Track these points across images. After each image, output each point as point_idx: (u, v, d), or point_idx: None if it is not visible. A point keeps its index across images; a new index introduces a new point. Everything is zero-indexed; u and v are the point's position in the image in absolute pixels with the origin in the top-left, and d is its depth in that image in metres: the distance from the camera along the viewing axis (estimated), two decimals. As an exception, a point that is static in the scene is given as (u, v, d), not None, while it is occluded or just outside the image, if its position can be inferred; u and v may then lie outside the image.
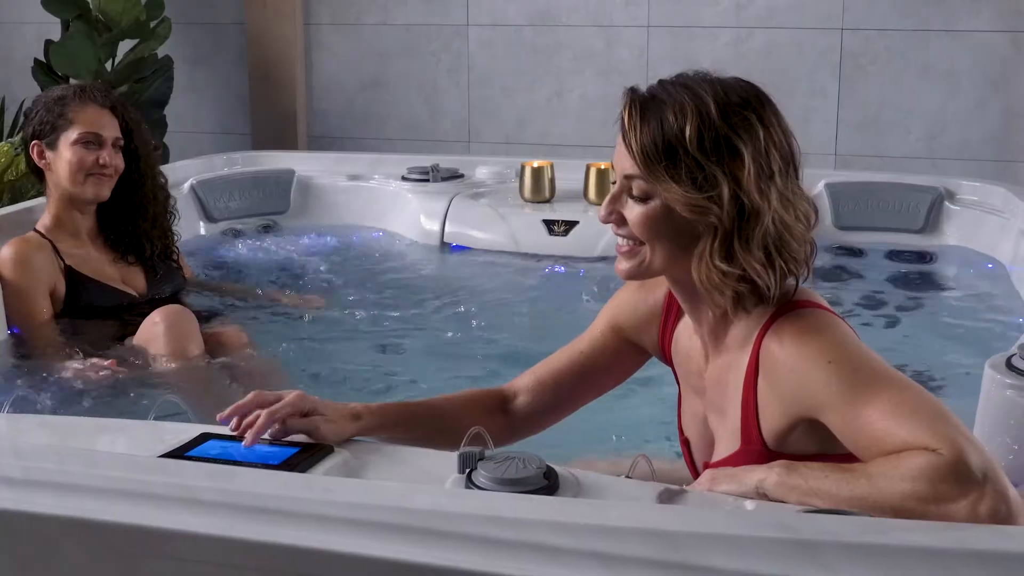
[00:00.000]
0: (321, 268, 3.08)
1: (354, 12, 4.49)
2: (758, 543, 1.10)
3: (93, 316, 2.41)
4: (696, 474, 1.48)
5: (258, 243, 3.26)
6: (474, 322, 2.61)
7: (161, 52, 4.27)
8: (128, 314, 2.44)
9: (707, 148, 1.30)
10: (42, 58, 4.17)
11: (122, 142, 2.46)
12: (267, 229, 3.37)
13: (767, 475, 1.26)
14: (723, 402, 1.40)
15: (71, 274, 2.41)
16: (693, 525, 1.14)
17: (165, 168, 3.45)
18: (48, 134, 2.43)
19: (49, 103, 2.44)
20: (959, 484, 1.14)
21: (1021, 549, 1.07)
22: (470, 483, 1.28)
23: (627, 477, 1.39)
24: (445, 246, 3.16)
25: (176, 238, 2.63)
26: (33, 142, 2.44)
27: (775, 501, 1.26)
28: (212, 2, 4.62)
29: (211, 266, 3.09)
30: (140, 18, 4.05)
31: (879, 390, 1.23)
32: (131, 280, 2.51)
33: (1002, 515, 1.13)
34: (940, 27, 3.87)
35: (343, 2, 4.49)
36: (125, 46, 4.23)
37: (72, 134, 2.41)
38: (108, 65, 4.13)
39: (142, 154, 2.52)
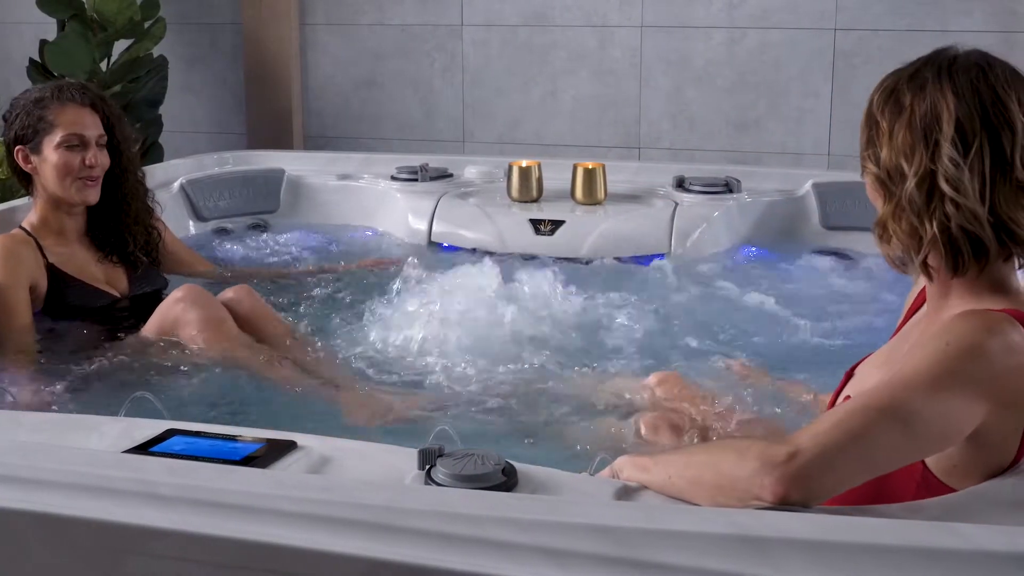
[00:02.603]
0: (309, 267, 3.07)
1: (349, 12, 4.50)
2: (708, 539, 1.11)
3: (75, 316, 2.41)
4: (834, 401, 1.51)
5: (248, 242, 3.27)
6: (456, 320, 2.61)
7: (158, 52, 4.29)
8: (109, 314, 2.45)
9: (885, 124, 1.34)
10: (38, 58, 4.19)
11: (105, 139, 2.46)
12: (257, 228, 3.38)
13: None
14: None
15: (54, 272, 2.41)
16: (646, 522, 1.14)
17: (157, 167, 3.50)
18: (31, 138, 2.41)
19: (28, 106, 2.42)
20: (776, 468, 1.16)
21: (969, 547, 1.07)
22: (429, 479, 1.29)
23: (588, 474, 1.40)
24: (432, 245, 3.17)
25: (159, 233, 2.63)
26: (17, 147, 2.43)
27: (633, 479, 1.31)
28: (208, 2, 4.64)
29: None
30: (134, 18, 4.07)
31: (901, 390, 1.20)
32: (114, 280, 2.52)
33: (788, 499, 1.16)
34: (933, 27, 3.86)
35: (338, 2, 4.51)
36: (121, 46, 4.24)
37: (55, 137, 2.39)
38: (103, 65, 4.15)
39: (123, 149, 2.51)
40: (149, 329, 2.34)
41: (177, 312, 2.29)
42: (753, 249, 3.12)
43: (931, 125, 1.29)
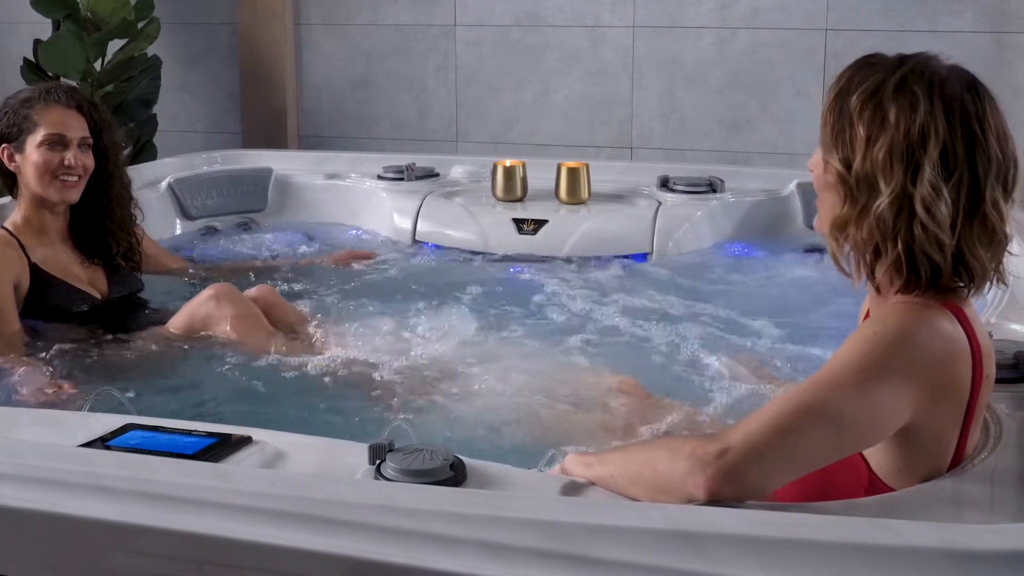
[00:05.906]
0: (298, 265, 3.09)
1: (344, 12, 4.52)
2: (646, 535, 1.12)
3: (56, 317, 2.43)
4: None
5: (233, 240, 3.29)
6: (440, 318, 2.62)
7: (153, 52, 4.31)
8: (90, 316, 2.46)
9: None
10: (32, 58, 4.21)
11: (90, 141, 2.48)
12: (244, 227, 3.39)
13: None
14: None
15: (37, 271, 2.42)
16: (585, 517, 1.16)
17: (146, 165, 3.52)
18: (15, 137, 2.44)
19: (15, 106, 2.45)
20: (708, 465, 1.17)
21: (902, 543, 1.08)
22: (379, 474, 1.30)
23: (539, 470, 1.41)
24: (417, 244, 3.19)
25: (139, 239, 2.65)
26: (2, 146, 2.46)
27: (580, 476, 1.32)
28: (203, 2, 4.67)
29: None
30: (128, 18, 4.09)
31: (830, 385, 1.21)
32: (96, 282, 2.54)
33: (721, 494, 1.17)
34: (924, 28, 3.86)
35: (333, 2, 4.53)
36: (115, 46, 4.27)
37: (37, 136, 2.42)
38: (97, 64, 4.17)
39: (110, 154, 2.53)
40: (174, 325, 2.39)
41: (210, 309, 2.34)
42: (736, 249, 3.13)
43: (916, 145, 1.25)
